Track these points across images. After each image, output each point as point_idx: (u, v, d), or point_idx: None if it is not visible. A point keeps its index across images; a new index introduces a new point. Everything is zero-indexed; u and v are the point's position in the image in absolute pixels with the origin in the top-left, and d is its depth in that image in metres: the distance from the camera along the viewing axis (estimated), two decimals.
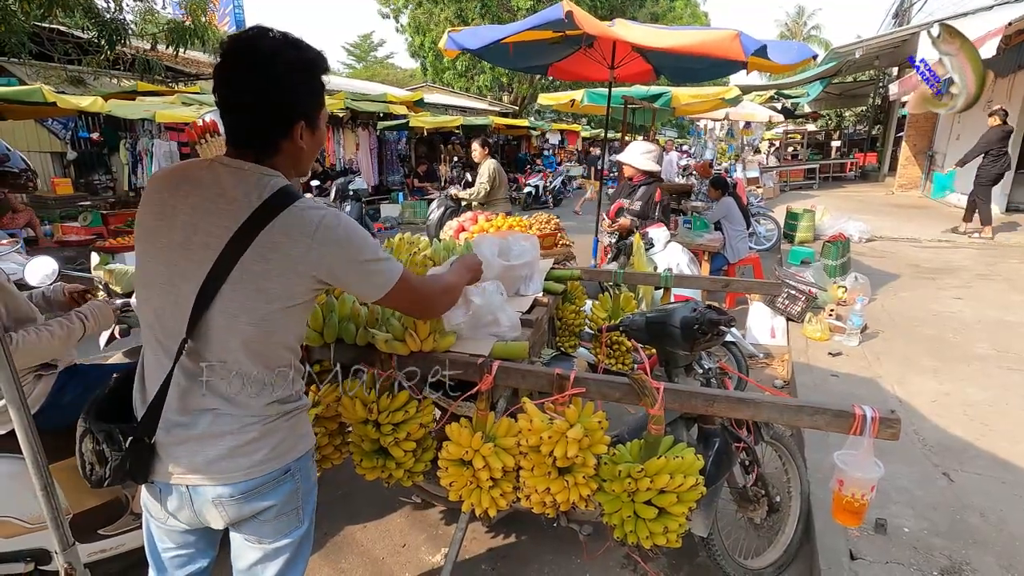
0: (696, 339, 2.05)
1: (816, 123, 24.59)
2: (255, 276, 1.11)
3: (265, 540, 1.28)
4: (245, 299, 1.12)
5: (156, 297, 1.16)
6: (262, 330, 1.16)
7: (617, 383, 1.57)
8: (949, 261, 6.94)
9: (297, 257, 1.13)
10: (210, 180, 1.14)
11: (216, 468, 1.17)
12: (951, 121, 13.15)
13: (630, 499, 1.56)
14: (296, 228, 1.13)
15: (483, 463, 1.61)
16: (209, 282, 1.11)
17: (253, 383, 1.19)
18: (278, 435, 1.22)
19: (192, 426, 1.17)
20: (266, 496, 1.22)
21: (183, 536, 1.33)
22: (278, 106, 1.14)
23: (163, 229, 1.15)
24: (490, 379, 1.63)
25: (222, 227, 1.11)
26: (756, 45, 3.51)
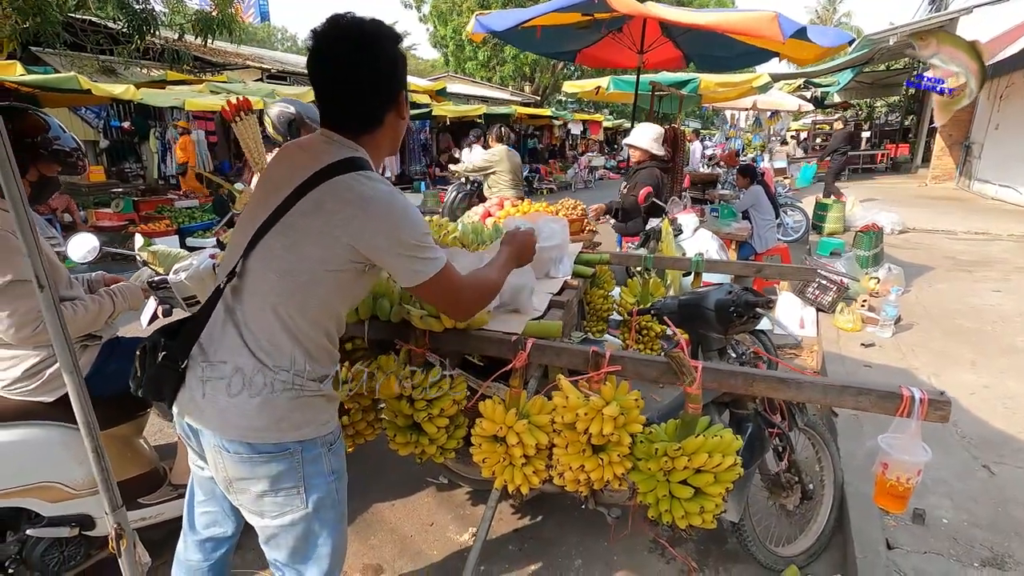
0: (731, 322, 2.02)
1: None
2: (294, 230, 1.18)
3: (266, 516, 1.27)
4: (280, 249, 1.18)
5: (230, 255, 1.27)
6: (288, 284, 1.17)
7: (654, 361, 1.56)
8: (987, 254, 6.72)
9: (338, 222, 1.15)
10: (306, 149, 1.25)
11: (218, 418, 1.19)
12: (990, 110, 12.70)
13: (665, 478, 1.54)
14: (345, 194, 1.16)
15: (517, 440, 1.61)
16: (261, 228, 1.19)
17: (275, 349, 1.19)
18: (282, 410, 1.20)
19: (214, 369, 1.19)
20: (259, 465, 1.20)
21: (210, 484, 1.39)
22: (388, 79, 1.23)
23: (259, 190, 1.28)
24: (524, 356, 1.63)
25: (289, 184, 1.19)
26: (795, 27, 3.41)
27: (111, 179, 10.70)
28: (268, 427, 1.19)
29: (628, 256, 2.92)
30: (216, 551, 1.51)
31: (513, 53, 22.03)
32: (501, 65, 23.37)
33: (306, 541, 1.31)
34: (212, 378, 1.19)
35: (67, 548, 1.91)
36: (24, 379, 1.74)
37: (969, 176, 13.38)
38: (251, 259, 1.20)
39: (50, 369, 1.77)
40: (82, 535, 1.92)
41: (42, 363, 1.76)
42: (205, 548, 1.49)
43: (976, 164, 13.00)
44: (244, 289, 1.20)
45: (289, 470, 1.23)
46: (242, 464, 1.20)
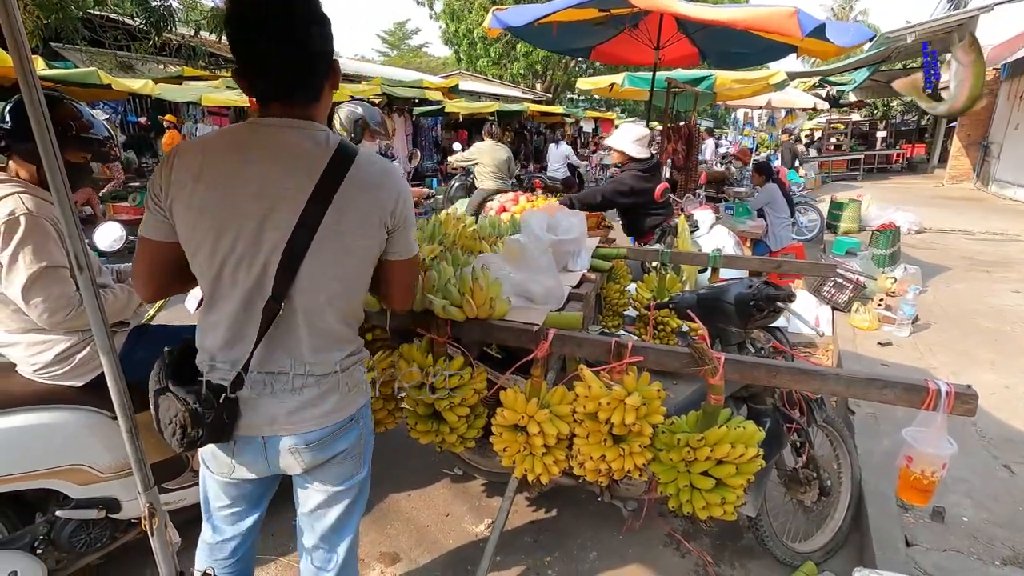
0: (751, 316, 2.01)
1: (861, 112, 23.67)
2: (339, 233, 1.13)
3: (330, 484, 1.33)
4: (332, 255, 1.14)
5: (232, 258, 1.12)
6: (345, 286, 1.20)
7: (676, 352, 1.56)
8: (1006, 254, 6.63)
9: (369, 207, 1.16)
10: (271, 143, 1.12)
11: (293, 419, 1.21)
12: (1010, 110, 12.53)
13: (687, 469, 1.55)
14: (367, 179, 1.16)
15: (538, 429, 1.62)
16: (295, 241, 1.11)
17: (332, 338, 1.23)
18: (347, 386, 1.27)
19: (273, 381, 1.20)
20: (337, 442, 1.28)
21: (240, 489, 1.37)
22: (323, 49, 1.13)
23: (230, 195, 1.10)
24: (546, 346, 1.64)
25: (300, 186, 1.10)
26: (814, 24, 3.38)
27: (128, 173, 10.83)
28: (340, 407, 1.25)
29: (644, 251, 2.92)
30: (244, 544, 1.50)
31: (525, 50, 21.98)
32: (513, 63, 23.33)
33: (353, 506, 1.38)
34: (277, 388, 1.20)
35: (93, 530, 1.95)
36: (55, 363, 1.78)
37: (987, 177, 13.21)
38: (301, 274, 1.13)
39: (80, 354, 1.81)
40: (108, 518, 1.96)
41: (72, 348, 1.79)
42: (230, 545, 1.48)
43: (995, 164, 12.83)
44: (295, 306, 1.16)
45: (357, 437, 1.32)
46: (320, 450, 1.26)
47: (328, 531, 1.37)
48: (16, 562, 1.79)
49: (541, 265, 1.87)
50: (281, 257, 1.11)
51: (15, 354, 1.79)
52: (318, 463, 1.28)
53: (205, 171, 1.10)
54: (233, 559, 1.48)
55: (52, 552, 1.91)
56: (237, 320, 1.17)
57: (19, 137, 1.70)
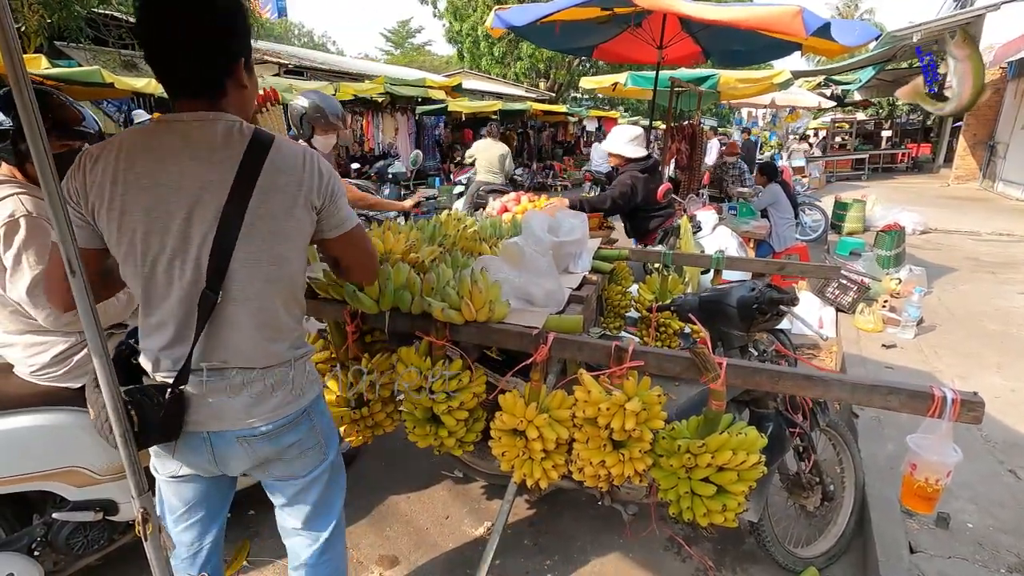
0: (754, 319, 1.99)
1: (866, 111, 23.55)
2: (266, 219, 1.13)
3: (298, 475, 1.35)
4: (262, 243, 1.13)
5: (164, 257, 1.12)
6: (280, 271, 1.18)
7: (677, 357, 1.54)
8: (1013, 255, 6.58)
9: (295, 191, 1.15)
10: (184, 139, 1.11)
11: (241, 414, 1.21)
12: (1016, 109, 12.42)
13: (687, 476, 1.53)
14: (288, 163, 1.15)
15: (537, 434, 1.60)
16: (224, 230, 1.10)
17: (274, 328, 1.22)
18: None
19: (218, 377, 1.19)
20: (285, 435, 1.28)
21: (193, 491, 1.37)
22: (224, 43, 1.11)
23: (152, 194, 1.09)
24: (546, 350, 1.62)
25: (222, 177, 1.10)
26: (819, 23, 3.35)
27: None
28: (285, 402, 1.25)
29: (647, 252, 2.90)
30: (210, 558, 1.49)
31: (529, 50, 21.93)
32: (516, 61, 23.28)
33: (329, 490, 1.42)
34: (222, 384, 1.19)
35: (91, 532, 1.94)
36: (52, 365, 1.77)
37: (993, 176, 13.11)
38: (233, 266, 1.12)
39: (78, 356, 1.80)
40: (106, 520, 1.95)
41: (70, 349, 1.79)
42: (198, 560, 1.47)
43: (1001, 164, 12.73)
44: (231, 298, 1.15)
45: (310, 429, 1.33)
46: (269, 443, 1.26)
47: (308, 518, 1.41)
48: (13, 564, 1.78)
49: (541, 268, 1.85)
50: (212, 248, 1.11)
51: (13, 355, 1.78)
52: (268, 457, 1.28)
53: (122, 174, 1.09)
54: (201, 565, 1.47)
55: (49, 554, 1.90)
56: (176, 318, 1.17)
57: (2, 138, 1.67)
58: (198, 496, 1.37)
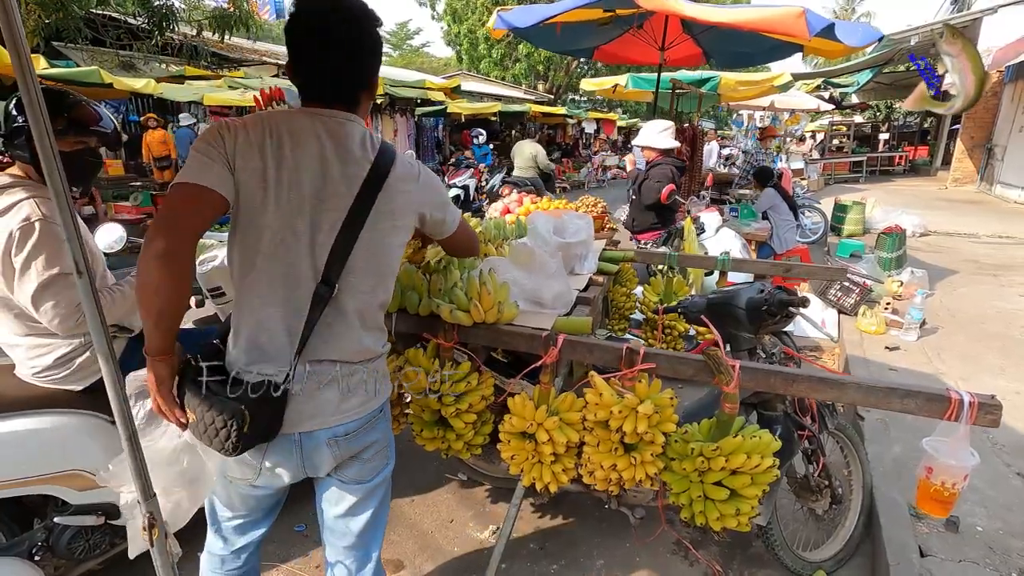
0: (763, 321, 1.98)
1: (863, 114, 23.62)
2: (385, 221, 1.18)
3: (365, 479, 1.33)
4: (378, 242, 1.18)
5: (276, 249, 1.13)
6: (388, 272, 1.25)
7: (689, 359, 1.52)
8: (1012, 258, 6.59)
9: (410, 199, 1.23)
10: (331, 135, 1.16)
11: (333, 410, 1.21)
12: (1014, 112, 12.47)
13: (700, 479, 1.51)
14: (408, 175, 1.23)
15: (547, 437, 1.58)
16: (349, 226, 1.14)
17: (375, 325, 1.27)
18: (378, 375, 1.29)
19: (315, 374, 1.19)
20: (369, 433, 1.29)
21: (258, 499, 1.35)
22: (376, 56, 1.21)
23: (295, 176, 1.12)
24: (556, 352, 1.60)
25: (356, 174, 1.15)
26: (823, 24, 3.35)
27: (129, 173, 10.80)
28: (370, 397, 1.27)
29: (652, 254, 2.89)
30: (254, 552, 1.48)
31: (527, 51, 21.94)
32: (514, 63, 23.29)
33: (384, 501, 1.41)
34: (320, 380, 1.19)
35: (92, 536, 1.91)
36: (55, 367, 1.74)
37: (991, 179, 13.14)
38: (352, 262, 1.16)
39: (81, 358, 1.77)
40: (107, 524, 1.92)
41: (73, 352, 1.76)
42: (242, 555, 1.46)
43: (999, 167, 12.77)
44: (340, 295, 1.17)
45: (384, 428, 1.35)
46: (355, 441, 1.26)
47: (364, 529, 1.36)
48: (14, 569, 1.76)
49: (550, 269, 1.83)
50: (334, 242, 1.14)
51: (16, 356, 1.76)
52: (351, 455, 1.28)
53: (272, 150, 1.12)
54: (243, 568, 1.46)
55: (50, 559, 1.87)
56: (288, 308, 1.16)
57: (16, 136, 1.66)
58: (262, 502, 1.36)
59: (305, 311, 1.14)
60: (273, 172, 1.11)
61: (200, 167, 1.09)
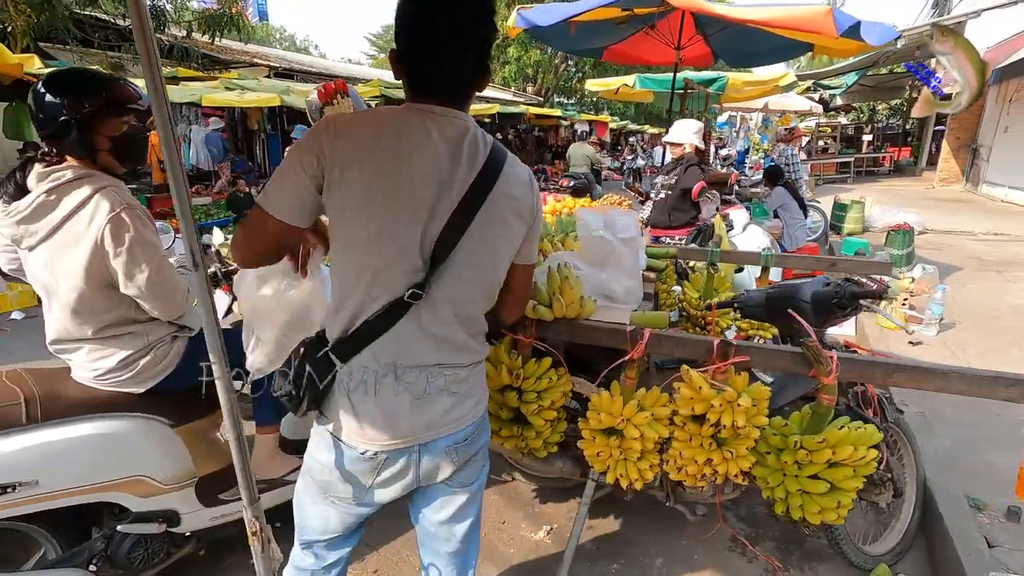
0: (831, 314, 1.98)
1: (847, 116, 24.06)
2: (492, 224, 1.11)
3: (471, 482, 1.30)
4: (483, 245, 1.12)
5: (379, 249, 1.06)
6: (492, 277, 1.18)
7: (783, 351, 1.52)
8: (1012, 255, 6.73)
9: (519, 205, 1.16)
10: (439, 130, 1.07)
11: (448, 418, 1.17)
12: (999, 113, 12.78)
13: (796, 473, 1.49)
14: (519, 177, 1.16)
15: (637, 433, 1.56)
16: (454, 227, 1.08)
17: (478, 329, 1.21)
18: (481, 378, 1.27)
19: (425, 381, 1.14)
20: (480, 437, 1.26)
21: (358, 515, 1.28)
22: (489, 53, 1.13)
23: (400, 179, 1.04)
24: (642, 347, 1.58)
25: (465, 175, 1.08)
26: (849, 22, 3.38)
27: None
28: (479, 400, 1.25)
29: (694, 251, 2.88)
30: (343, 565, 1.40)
31: (517, 54, 21.98)
32: (503, 66, 23.32)
33: (480, 508, 1.37)
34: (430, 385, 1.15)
35: (151, 545, 1.84)
36: (118, 369, 1.68)
37: (977, 179, 13.45)
38: (452, 266, 1.09)
39: (144, 359, 1.71)
40: (167, 531, 1.86)
41: (136, 354, 1.70)
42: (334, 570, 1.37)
43: (984, 167, 13.08)
44: (444, 298, 1.11)
45: (488, 427, 1.32)
46: (469, 446, 1.23)
47: (467, 533, 1.33)
48: None
49: (626, 264, 1.81)
50: (436, 242, 1.08)
51: (76, 359, 1.69)
52: (466, 460, 1.25)
53: (372, 152, 1.05)
54: None
55: (107, 569, 1.80)
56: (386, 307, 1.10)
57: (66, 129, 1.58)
58: (360, 519, 1.29)
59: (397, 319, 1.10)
60: (380, 178, 1.04)
61: (279, 190, 1.06)
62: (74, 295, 1.56)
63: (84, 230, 1.52)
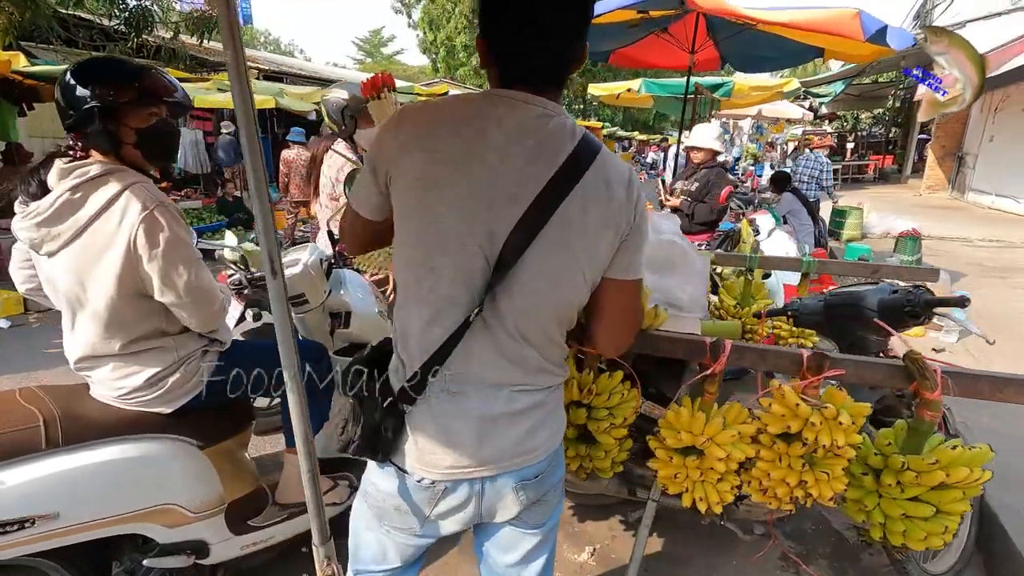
0: (902, 323, 1.90)
1: (832, 124, 24.46)
2: (573, 228, 0.95)
3: (542, 523, 1.15)
4: (561, 252, 0.95)
5: (445, 254, 0.94)
6: (571, 290, 1.01)
7: (882, 364, 1.41)
8: (1012, 261, 6.80)
9: (614, 208, 0.98)
10: (516, 119, 0.94)
11: (520, 449, 1.02)
12: (983, 122, 13.03)
13: (897, 496, 1.39)
14: (615, 175, 0.99)
15: (722, 453, 1.44)
16: (526, 229, 0.92)
17: (556, 348, 1.06)
18: (559, 405, 1.13)
19: (492, 403, 1.00)
20: (553, 473, 1.12)
21: (419, 547, 1.15)
22: (584, 38, 0.99)
23: (466, 172, 0.92)
24: (724, 360, 1.46)
25: (537, 175, 0.93)
26: (877, 25, 3.33)
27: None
28: (555, 432, 1.10)
29: (731, 257, 2.79)
30: None
31: None
32: None
33: (555, 541, 1.26)
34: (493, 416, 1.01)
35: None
36: (145, 387, 1.52)
37: (963, 186, 13.70)
38: (521, 274, 0.94)
39: (173, 377, 1.55)
40: (195, 564, 1.69)
41: (164, 371, 1.54)
42: None
43: (971, 175, 13.32)
44: (513, 312, 0.97)
45: (563, 461, 1.20)
46: (541, 484, 1.09)
47: None
48: None
49: (697, 269, 1.70)
50: (504, 245, 0.93)
51: (98, 376, 1.52)
52: (536, 499, 1.09)
53: (438, 142, 0.93)
54: None
55: None
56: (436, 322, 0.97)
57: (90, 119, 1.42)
58: (420, 550, 1.15)
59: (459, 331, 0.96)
60: (439, 169, 0.93)
61: (359, 184, 1.05)
62: (103, 305, 1.40)
63: (115, 231, 1.36)
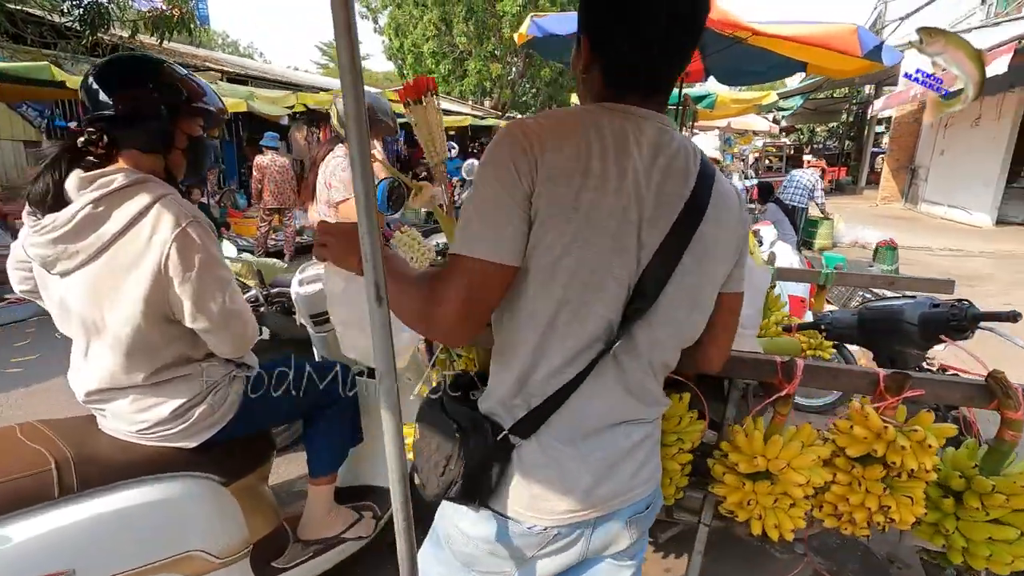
0: (944, 336, 1.89)
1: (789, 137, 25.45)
2: (707, 252, 0.90)
3: (641, 550, 1.10)
4: (695, 279, 0.91)
5: (601, 289, 0.85)
6: (704, 319, 0.97)
7: (961, 383, 1.38)
8: (973, 269, 7.11)
9: (732, 227, 0.95)
10: (642, 138, 0.86)
11: (634, 483, 0.97)
12: (935, 135, 13.74)
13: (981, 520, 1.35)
14: (731, 191, 0.96)
15: (802, 479, 1.37)
16: (659, 263, 0.86)
17: (664, 378, 1.01)
18: (659, 430, 1.09)
19: (615, 442, 0.93)
20: (658, 502, 1.08)
21: None
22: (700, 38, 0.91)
23: (609, 202, 0.83)
24: (797, 381, 1.40)
25: (673, 196, 0.87)
26: (874, 42, 3.42)
27: None
28: (659, 464, 1.06)
29: None
30: None
31: (477, 67, 21.97)
32: (461, 79, 23.21)
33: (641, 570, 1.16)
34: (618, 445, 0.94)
35: None
36: (169, 421, 1.36)
37: (915, 198, 14.39)
38: (657, 308, 0.88)
39: (199, 408, 1.39)
40: None
41: (190, 401, 1.38)
42: None
43: (923, 187, 14.00)
44: (640, 347, 0.90)
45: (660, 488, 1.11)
46: (647, 517, 1.04)
47: None
48: None
49: (754, 285, 1.64)
50: (643, 274, 0.86)
51: (113, 409, 1.35)
52: (642, 532, 1.04)
53: (590, 167, 0.82)
54: None
55: None
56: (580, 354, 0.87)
57: (127, 123, 1.28)
58: None
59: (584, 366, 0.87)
60: (588, 195, 0.82)
61: (494, 226, 0.82)
62: (125, 331, 1.23)
63: (143, 248, 1.21)
